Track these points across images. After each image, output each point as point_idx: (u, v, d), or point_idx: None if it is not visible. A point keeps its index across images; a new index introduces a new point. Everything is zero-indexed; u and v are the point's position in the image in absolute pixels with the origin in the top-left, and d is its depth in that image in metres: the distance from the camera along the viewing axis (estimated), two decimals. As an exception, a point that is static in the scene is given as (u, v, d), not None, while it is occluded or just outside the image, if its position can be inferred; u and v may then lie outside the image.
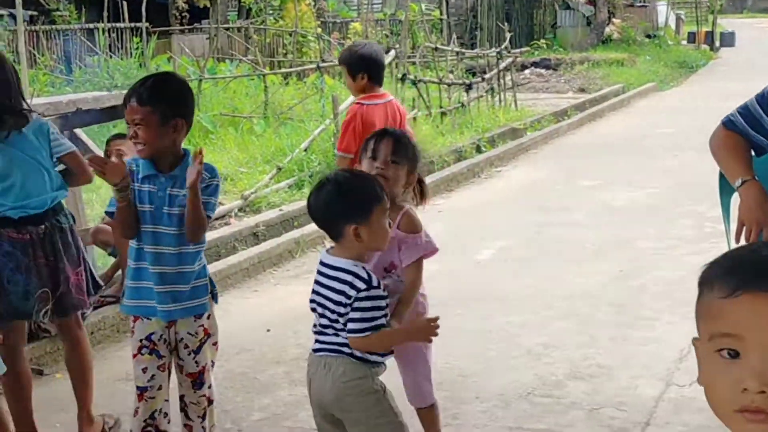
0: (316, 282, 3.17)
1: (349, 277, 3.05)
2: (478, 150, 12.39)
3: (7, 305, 3.94)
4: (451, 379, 4.89)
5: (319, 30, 19.48)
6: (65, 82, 13.02)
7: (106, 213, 3.72)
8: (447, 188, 10.44)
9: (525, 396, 4.65)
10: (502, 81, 15.25)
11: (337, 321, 3.09)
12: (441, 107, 13.35)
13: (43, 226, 4.00)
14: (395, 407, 3.19)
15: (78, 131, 6.55)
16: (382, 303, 3.09)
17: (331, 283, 3.09)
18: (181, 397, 3.87)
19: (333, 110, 10.13)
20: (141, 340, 3.70)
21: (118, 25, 16.79)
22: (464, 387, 4.81)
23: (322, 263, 3.17)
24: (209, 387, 3.81)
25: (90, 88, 12.05)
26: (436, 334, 3.29)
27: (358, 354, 3.10)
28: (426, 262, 3.55)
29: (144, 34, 15.43)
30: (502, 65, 15.21)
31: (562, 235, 8.08)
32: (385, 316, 3.11)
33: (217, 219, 8.37)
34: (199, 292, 3.72)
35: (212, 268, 6.78)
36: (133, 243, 3.70)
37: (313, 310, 3.19)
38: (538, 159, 12.42)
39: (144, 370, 3.70)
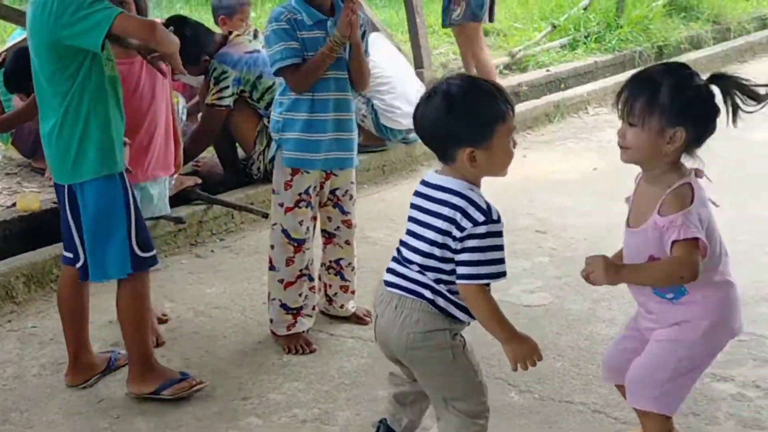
0: (414, 206, 2.57)
1: (462, 203, 2.44)
2: (788, 18, 11.16)
3: None
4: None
5: None
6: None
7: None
8: (739, 58, 9.48)
9: (767, 299, 4.13)
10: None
11: (430, 255, 2.49)
12: (750, -33, 12.06)
13: None
14: (475, 364, 2.64)
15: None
16: (502, 243, 2.45)
17: (436, 208, 2.49)
18: (337, 261, 3.89)
19: (620, -34, 9.39)
20: (300, 194, 3.69)
21: None
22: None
23: (425, 183, 2.57)
24: None
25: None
26: (526, 366, 2.55)
27: (440, 303, 2.51)
28: None
29: None
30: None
31: None
32: (505, 262, 2.45)
33: (479, 75, 8.12)
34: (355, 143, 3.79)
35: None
36: (303, 95, 3.59)
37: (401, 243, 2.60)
38: None
39: (301, 223, 3.72)
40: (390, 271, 2.62)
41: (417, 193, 2.58)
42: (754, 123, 7.21)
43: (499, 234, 2.46)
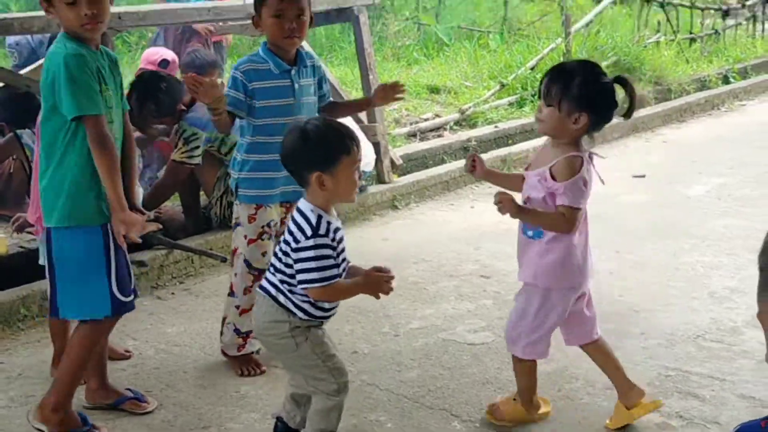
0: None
1: (302, 222, 3.00)
2: (726, 81, 11.68)
3: None
4: (620, 312, 4.73)
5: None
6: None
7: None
8: (679, 118, 9.93)
9: (694, 338, 4.41)
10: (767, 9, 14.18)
11: (279, 260, 3.07)
12: (690, 32, 12.63)
13: None
14: (322, 354, 3.10)
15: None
16: (329, 253, 2.98)
17: (290, 225, 3.07)
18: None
19: (565, 29, 9.84)
20: (263, 227, 3.99)
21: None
22: (633, 322, 4.63)
23: (296, 207, 3.13)
24: None
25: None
26: (386, 291, 3.06)
27: (281, 299, 3.06)
28: (633, 193, 3.45)
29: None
30: (768, -9, 14.12)
31: (792, 177, 7.51)
32: (337, 266, 3.00)
33: (430, 131, 8.47)
34: None
35: (412, 177, 6.92)
36: (260, 138, 3.90)
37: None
38: (792, 95, 11.52)
39: (264, 254, 4.01)
40: (264, 277, 3.20)
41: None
42: (692, 180, 7.65)
43: (325, 246, 2.97)
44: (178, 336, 4.48)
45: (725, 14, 13.37)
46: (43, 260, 3.87)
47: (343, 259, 3.09)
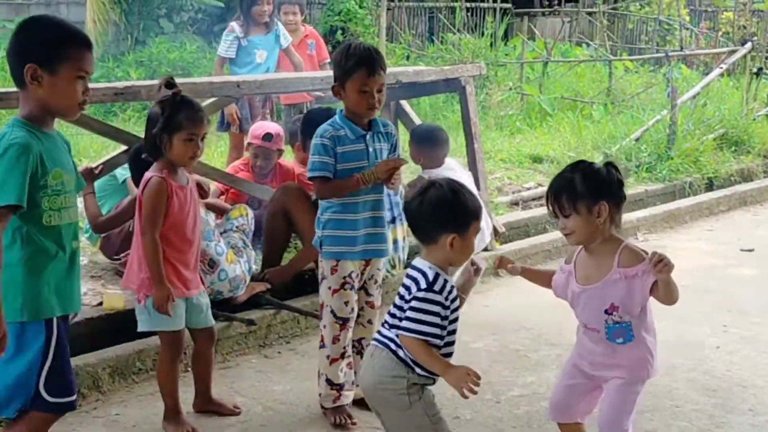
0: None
1: (418, 275, 3.10)
2: None
3: None
4: (727, 388, 4.66)
5: (687, 18, 18.88)
6: (419, 56, 13.68)
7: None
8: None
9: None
10: None
11: (394, 315, 3.15)
12: (804, 107, 12.42)
13: None
14: (433, 415, 3.16)
15: (403, 102, 6.95)
16: (438, 310, 3.06)
17: (405, 280, 3.15)
18: (359, 341, 4.31)
19: (671, 101, 9.80)
20: (344, 278, 4.16)
21: (481, 5, 17.19)
22: (740, 397, 4.56)
23: (411, 265, 3.21)
24: None
25: (441, 63, 12.58)
26: (471, 389, 3.01)
27: (400, 354, 3.12)
28: (741, 267, 3.48)
29: (497, 15, 15.86)
30: None
31: None
32: (440, 328, 3.06)
33: (533, 200, 8.50)
34: None
35: (514, 245, 6.97)
36: (340, 199, 4.09)
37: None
38: None
39: (346, 303, 4.18)
40: (377, 331, 3.29)
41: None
42: None
43: (436, 303, 3.05)
44: (284, 394, 4.59)
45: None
46: (142, 327, 4.12)
47: (455, 319, 3.15)
